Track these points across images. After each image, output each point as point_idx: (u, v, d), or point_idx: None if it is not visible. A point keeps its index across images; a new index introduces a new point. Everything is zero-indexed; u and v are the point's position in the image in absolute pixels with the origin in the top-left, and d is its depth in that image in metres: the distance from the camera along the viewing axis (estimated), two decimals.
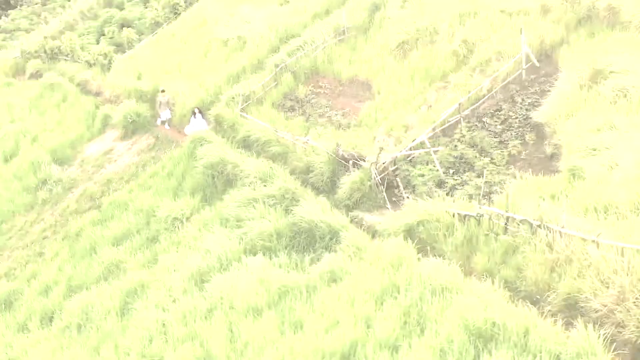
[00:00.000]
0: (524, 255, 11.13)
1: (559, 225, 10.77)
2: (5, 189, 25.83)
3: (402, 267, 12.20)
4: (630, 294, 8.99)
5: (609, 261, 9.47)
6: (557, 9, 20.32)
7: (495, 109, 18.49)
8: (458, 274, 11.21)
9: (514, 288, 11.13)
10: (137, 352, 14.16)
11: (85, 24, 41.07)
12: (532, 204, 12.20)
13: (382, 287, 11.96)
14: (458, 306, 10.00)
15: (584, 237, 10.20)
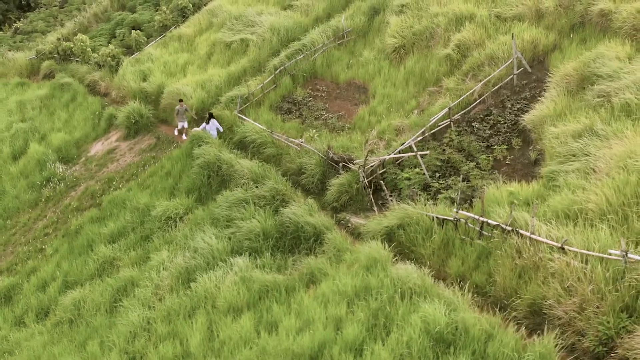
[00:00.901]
0: (495, 260, 10.92)
1: (529, 231, 10.54)
2: (12, 186, 26.05)
3: (375, 270, 12.03)
4: (591, 303, 8.74)
5: (572, 269, 9.23)
6: (551, 15, 20.00)
7: (485, 114, 18.24)
8: (427, 278, 11.03)
9: (484, 293, 10.93)
10: (120, 348, 14.20)
11: (98, 26, 41.33)
12: (508, 209, 11.99)
13: (354, 290, 11.82)
14: (423, 310, 9.82)
15: (550, 243, 9.97)
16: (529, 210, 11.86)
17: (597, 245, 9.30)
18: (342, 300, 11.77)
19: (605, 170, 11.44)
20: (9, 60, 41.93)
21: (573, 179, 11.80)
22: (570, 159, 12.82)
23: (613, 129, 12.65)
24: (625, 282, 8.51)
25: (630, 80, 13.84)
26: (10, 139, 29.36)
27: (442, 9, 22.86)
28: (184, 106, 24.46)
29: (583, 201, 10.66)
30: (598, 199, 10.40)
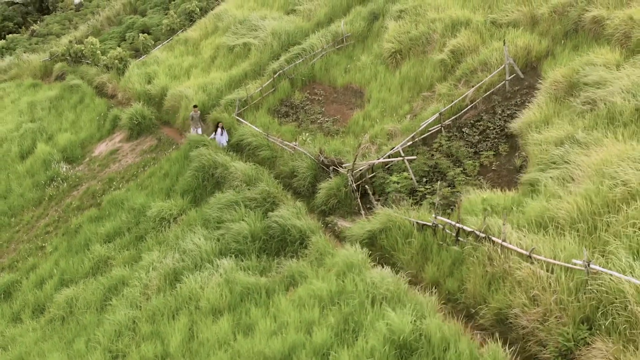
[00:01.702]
0: (467, 267, 10.71)
1: (500, 239, 10.32)
2: (18, 185, 26.24)
3: (351, 275, 11.87)
4: (553, 313, 8.50)
5: (538, 278, 9.00)
6: (545, 21, 19.68)
7: (476, 120, 17.98)
8: (400, 284, 10.84)
9: (455, 300, 10.72)
10: (104, 347, 14.17)
11: (110, 29, 41.62)
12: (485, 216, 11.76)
13: (329, 294, 11.67)
14: (389, 317, 9.64)
15: (519, 251, 9.73)
16: (507, 216, 11.63)
17: (563, 255, 9.05)
18: (316, 304, 11.63)
19: (581, 178, 11.17)
20: (24, 62, 42.38)
21: (550, 187, 11.53)
22: (550, 167, 12.55)
23: (593, 137, 12.36)
24: (587, 293, 8.26)
25: (615, 88, 13.53)
26: (19, 138, 29.60)
27: (439, 15, 22.63)
28: (198, 112, 23.79)
29: (555, 209, 10.41)
30: (569, 207, 10.14)
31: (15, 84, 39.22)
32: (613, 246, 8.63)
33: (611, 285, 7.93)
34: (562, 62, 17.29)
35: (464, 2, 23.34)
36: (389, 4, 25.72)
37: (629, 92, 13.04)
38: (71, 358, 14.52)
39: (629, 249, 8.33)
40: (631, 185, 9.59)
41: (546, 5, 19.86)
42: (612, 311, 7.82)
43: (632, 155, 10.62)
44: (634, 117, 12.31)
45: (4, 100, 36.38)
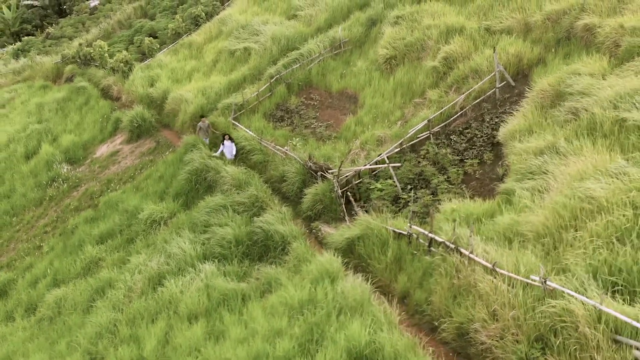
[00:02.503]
0: (434, 278, 10.39)
1: (468, 251, 9.98)
2: (21, 185, 26.35)
3: (323, 283, 11.59)
4: (510, 330, 8.15)
5: (499, 292, 8.65)
6: (538, 28, 19.23)
7: (464, 127, 17.61)
8: (367, 294, 10.53)
9: (422, 311, 10.40)
10: (84, 349, 14.03)
11: (120, 32, 41.75)
12: (463, 226, 11.41)
13: (300, 302, 11.40)
14: (349, 328, 9.35)
15: (483, 264, 9.39)
16: (480, 227, 11.29)
17: (523, 270, 8.69)
18: (286, 313, 11.37)
19: (556, 189, 10.78)
20: (37, 64, 42.73)
21: (524, 198, 11.16)
22: (527, 177, 12.17)
23: (573, 147, 11.96)
24: (542, 311, 7.89)
25: (598, 98, 13.10)
26: (25, 139, 29.75)
27: (435, 21, 22.25)
28: (206, 122, 22.92)
29: (523, 222, 10.04)
30: (537, 220, 9.77)
31: (27, 85, 39.52)
32: (572, 263, 8.26)
33: (563, 304, 7.56)
34: (552, 70, 16.85)
35: (460, 8, 22.96)
36: (387, 10, 25.41)
37: (610, 103, 12.61)
38: (52, 359, 14.41)
39: (588, 267, 7.94)
40: (600, 198, 9.20)
41: (540, 13, 19.41)
42: (564, 331, 7.46)
43: (607, 167, 10.22)
44: (613, 128, 11.88)
45: (14, 101, 36.65)
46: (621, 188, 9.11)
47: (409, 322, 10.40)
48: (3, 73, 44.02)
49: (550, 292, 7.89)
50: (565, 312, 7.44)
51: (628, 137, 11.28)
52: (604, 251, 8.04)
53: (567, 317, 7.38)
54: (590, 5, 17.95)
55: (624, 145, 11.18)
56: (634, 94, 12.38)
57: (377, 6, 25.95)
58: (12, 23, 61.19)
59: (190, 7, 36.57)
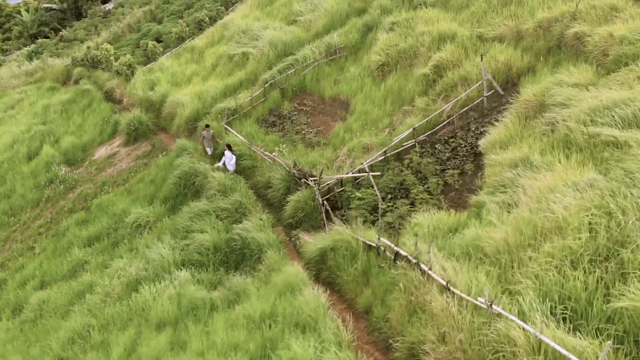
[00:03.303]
0: (394, 294, 9.90)
1: (427, 267, 9.48)
2: (21, 185, 26.29)
3: (286, 296, 11.16)
4: (456, 354, 7.64)
5: (449, 313, 8.14)
6: (530, 36, 18.59)
7: (450, 136, 17.05)
8: (320, 310, 10.06)
9: (379, 329, 9.92)
10: (55, 354, 13.78)
11: (129, 36, 41.72)
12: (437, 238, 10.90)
13: (262, 315, 10.99)
14: (297, 347, 8.90)
15: (439, 281, 8.88)
16: (447, 241, 10.78)
17: (475, 290, 8.17)
18: (246, 326, 10.97)
19: (524, 204, 10.23)
20: (49, 66, 42.83)
21: (492, 212, 10.61)
22: (499, 190, 11.62)
23: (547, 161, 11.39)
24: (487, 336, 7.37)
25: (577, 110, 12.49)
26: (28, 140, 29.73)
27: (428, 28, 21.70)
28: (211, 132, 21.80)
29: (486, 237, 9.50)
30: (499, 236, 9.23)
31: (37, 87, 39.63)
32: (523, 286, 7.72)
33: (505, 330, 7.03)
34: (540, 80, 16.22)
35: (455, 15, 22.39)
36: (383, 16, 24.90)
37: (587, 116, 12.00)
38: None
39: (538, 291, 7.41)
40: (560, 217, 8.64)
41: (532, 20, 18.77)
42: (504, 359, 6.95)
43: (576, 183, 9.65)
44: (589, 142, 11.28)
45: (23, 103, 36.74)
46: (584, 206, 8.55)
47: (367, 340, 9.93)
48: (16, 74, 44.25)
49: (497, 316, 7.38)
50: (507, 339, 6.93)
51: (602, 151, 10.69)
52: (554, 274, 7.50)
53: (508, 345, 6.86)
54: (582, 13, 17.29)
55: (597, 160, 10.59)
56: (614, 107, 11.76)
57: (374, 12, 25.46)
58: (31, 25, 61.67)
59: (195, 12, 36.37)
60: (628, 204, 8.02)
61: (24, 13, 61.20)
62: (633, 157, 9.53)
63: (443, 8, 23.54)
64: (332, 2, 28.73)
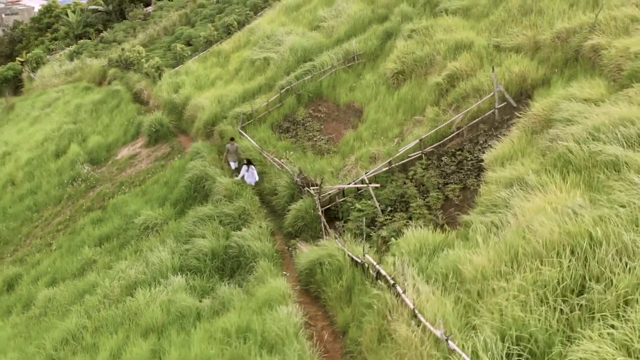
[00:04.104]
0: (367, 317, 9.34)
1: (402, 289, 8.89)
2: (46, 182, 26.70)
3: (264, 311, 10.73)
4: None
5: (412, 343, 7.54)
6: (547, 47, 17.66)
7: (457, 148, 16.32)
8: (293, 329, 9.58)
9: (350, 352, 9.38)
10: (47, 354, 13.67)
11: (164, 38, 42.10)
12: (394, 261, 10.26)
13: (237, 330, 10.58)
14: None
15: (409, 306, 8.28)
16: (430, 262, 10.15)
17: (439, 320, 7.53)
18: (223, 339, 10.59)
19: (512, 226, 9.51)
20: (87, 66, 43.66)
21: (478, 233, 9.91)
22: (491, 209, 10.91)
23: (542, 181, 10.62)
24: None
25: (581, 127, 11.65)
26: (58, 138, 30.24)
27: (446, 36, 20.94)
28: (235, 145, 20.41)
29: (466, 260, 8.83)
30: (478, 260, 8.55)
31: (73, 86, 40.39)
32: (483, 320, 7.06)
33: None
34: (553, 92, 15.34)
35: (475, 23, 21.54)
36: (403, 24, 24.21)
37: (590, 133, 11.16)
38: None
39: (498, 328, 6.73)
40: (540, 244, 7.93)
41: (550, 31, 17.83)
42: None
43: (564, 207, 8.90)
44: (587, 163, 10.46)
45: (59, 101, 37.47)
46: (565, 233, 7.82)
47: None
48: (57, 73, 45.27)
49: (452, 352, 6.76)
50: None
51: (600, 173, 9.88)
52: (519, 309, 6.82)
53: None
54: (601, 25, 16.29)
55: (593, 183, 9.78)
56: (619, 125, 10.90)
57: (395, 19, 24.80)
58: (76, 26, 63.19)
59: (225, 16, 36.37)
60: (611, 234, 7.28)
61: (70, 14, 62.72)
62: (627, 184, 8.72)
63: (464, 16, 22.71)
64: (355, 9, 28.21)
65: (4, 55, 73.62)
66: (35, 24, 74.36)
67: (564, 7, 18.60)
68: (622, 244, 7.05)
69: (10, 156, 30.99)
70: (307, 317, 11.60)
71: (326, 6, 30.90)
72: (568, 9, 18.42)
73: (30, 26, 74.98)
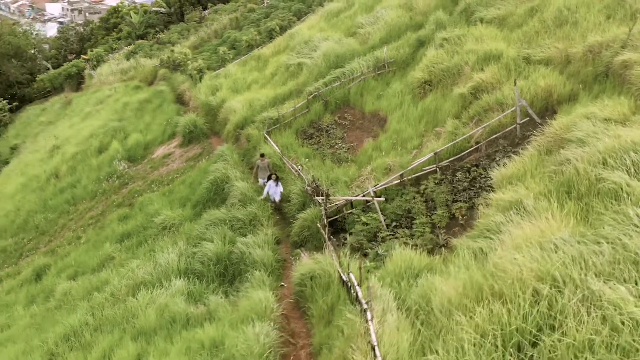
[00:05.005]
0: (336, 341, 8.73)
1: (371, 315, 8.23)
2: (86, 177, 27.28)
3: (241, 326, 10.28)
4: None
5: None
6: (578, 61, 16.40)
7: (474, 164, 15.37)
8: (260, 350, 9.06)
9: None
10: (48, 348, 13.70)
11: (214, 41, 42.48)
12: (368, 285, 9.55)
13: (210, 344, 10.20)
14: None
15: (372, 335, 7.61)
16: (412, 286, 9.42)
17: (392, 356, 6.83)
18: (197, 351, 10.22)
19: (497, 255, 8.66)
20: (140, 66, 44.59)
21: (462, 260, 9.09)
22: (484, 234, 10.04)
23: (539, 206, 9.68)
24: None
25: (594, 149, 10.57)
26: (102, 135, 30.89)
27: (476, 46, 19.88)
28: (266, 161, 19.04)
29: (437, 289, 8.06)
30: (447, 290, 7.77)
31: (125, 85, 41.32)
32: None
33: None
34: (574, 110, 14.19)
35: (508, 34, 20.36)
36: (437, 32, 23.24)
37: (602, 157, 10.10)
38: (25, 352, 14.27)
39: None
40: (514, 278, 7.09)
41: (582, 44, 16.56)
42: None
43: (548, 240, 8.00)
44: (591, 189, 9.44)
45: (110, 99, 38.40)
46: (539, 270, 6.96)
47: None
48: (113, 72, 46.48)
49: None
50: None
51: (600, 202, 8.87)
52: (472, 353, 6.05)
53: None
54: (635, 39, 14.96)
55: (590, 212, 8.79)
56: (629, 150, 9.81)
57: (429, 27, 23.87)
58: (138, 27, 64.90)
59: (270, 21, 36.28)
60: (577, 278, 6.39)
61: (133, 15, 64.49)
62: (621, 217, 7.74)
63: (499, 25, 21.53)
64: (393, 15, 27.40)
65: (74, 53, 76.65)
66: (103, 24, 77.02)
67: (599, 19, 17.26)
68: (588, 290, 6.16)
69: (59, 150, 31.95)
70: (290, 334, 11.12)
71: (366, 12, 30.23)
72: (604, 21, 17.08)
73: (98, 25, 77.72)
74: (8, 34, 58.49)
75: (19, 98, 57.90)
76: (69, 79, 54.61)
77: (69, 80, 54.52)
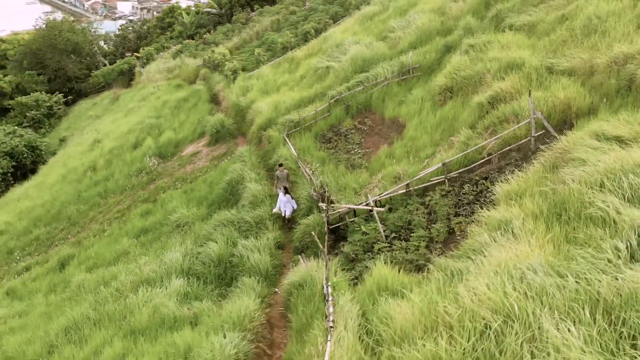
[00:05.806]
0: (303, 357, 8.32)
1: (329, 336, 7.77)
2: (119, 171, 27.78)
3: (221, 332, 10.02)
4: None
5: None
6: (601, 73, 15.29)
7: (483, 176, 14.58)
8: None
9: None
10: (49, 340, 13.87)
11: (255, 42, 42.56)
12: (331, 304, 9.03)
13: (186, 349, 9.96)
14: None
15: None
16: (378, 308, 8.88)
17: None
18: (172, 355, 10.01)
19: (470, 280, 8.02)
20: (185, 65, 45.24)
21: (433, 283, 8.48)
22: (467, 254, 9.38)
23: (525, 228, 8.94)
24: None
25: (593, 170, 9.71)
26: (138, 131, 31.42)
27: (500, 54, 18.93)
28: (284, 172, 18.14)
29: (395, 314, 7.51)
30: (400, 316, 7.20)
31: (168, 83, 41.99)
32: None
33: None
34: (585, 126, 13.20)
35: (535, 41, 19.28)
36: (465, 38, 22.32)
37: (600, 179, 9.25)
38: (30, 341, 14.49)
39: None
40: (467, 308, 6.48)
41: (606, 55, 15.43)
42: None
43: (518, 267, 7.32)
44: (580, 213, 8.64)
45: (152, 96, 39.08)
46: (494, 301, 6.34)
47: None
48: (160, 70, 47.37)
49: None
50: None
51: (585, 228, 8.09)
52: None
53: None
54: None
55: (573, 240, 8.02)
56: (629, 172, 8.93)
57: (458, 33, 22.97)
58: (189, 27, 66.04)
59: (308, 23, 36.01)
60: (528, 316, 5.74)
61: (184, 15, 65.64)
62: (596, 251, 6.98)
63: (528, 33, 20.45)
64: (425, 19, 26.58)
65: (131, 50, 78.84)
66: (159, 23, 78.86)
67: (629, 29, 16.05)
68: (538, 330, 5.51)
69: (99, 144, 32.72)
70: (268, 344, 10.78)
71: (400, 16, 29.49)
72: (633, 31, 15.86)
73: (154, 24, 79.63)
74: (67, 31, 60.61)
75: (75, 92, 59.98)
76: (121, 76, 56.10)
77: (121, 76, 56.00)
